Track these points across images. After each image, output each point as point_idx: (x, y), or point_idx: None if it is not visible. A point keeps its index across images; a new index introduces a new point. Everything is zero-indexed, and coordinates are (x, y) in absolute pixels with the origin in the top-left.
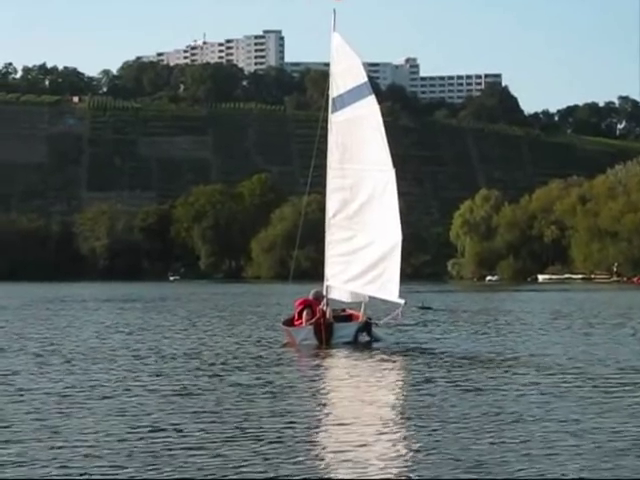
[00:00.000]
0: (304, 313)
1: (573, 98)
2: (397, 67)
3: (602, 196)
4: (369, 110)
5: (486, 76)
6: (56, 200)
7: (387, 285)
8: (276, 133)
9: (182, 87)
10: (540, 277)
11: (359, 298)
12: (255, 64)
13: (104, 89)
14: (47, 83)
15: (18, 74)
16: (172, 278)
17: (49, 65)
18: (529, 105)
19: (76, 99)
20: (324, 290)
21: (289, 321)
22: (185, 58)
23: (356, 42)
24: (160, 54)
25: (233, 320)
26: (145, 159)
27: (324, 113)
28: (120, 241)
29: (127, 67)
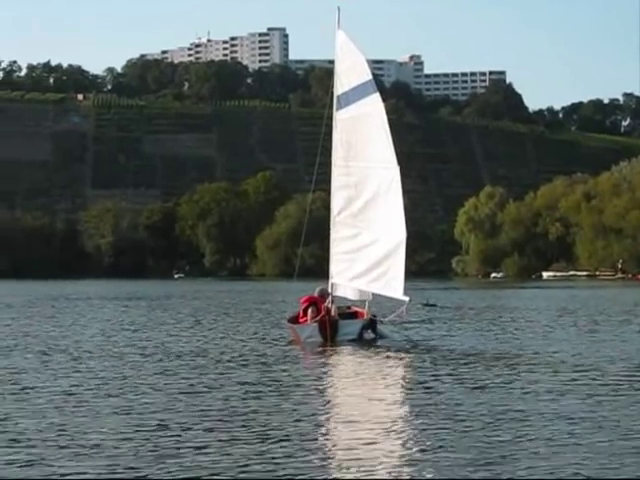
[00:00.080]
0: (309, 311)
1: (577, 95)
2: (401, 64)
3: (607, 193)
4: (374, 108)
5: (490, 73)
6: (61, 198)
7: (392, 283)
8: (280, 131)
9: (186, 85)
10: (545, 274)
11: (364, 296)
12: (259, 61)
13: (108, 87)
14: (51, 81)
15: (23, 72)
16: (177, 276)
17: (53, 63)
18: (533, 102)
19: (80, 97)
20: (329, 288)
21: (294, 318)
22: (189, 56)
23: (360, 39)
24: (164, 52)
25: (238, 318)
26: (150, 157)
27: (329, 110)
28: (125, 239)
29: (131, 65)
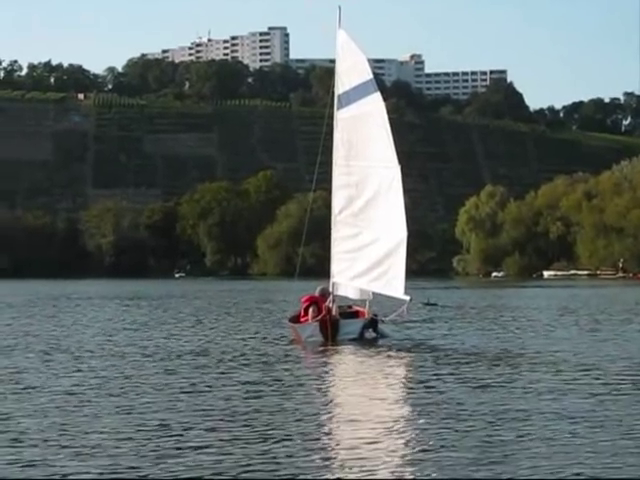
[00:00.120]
0: (310, 310)
1: (578, 94)
2: (402, 63)
3: (608, 192)
4: (374, 107)
5: (491, 72)
6: (62, 197)
7: (392, 282)
8: (281, 130)
9: (187, 84)
10: (545, 273)
11: (365, 295)
12: (260, 61)
13: (109, 86)
14: (52, 80)
15: (23, 71)
16: (178, 275)
17: (54, 62)
18: (534, 101)
19: (81, 96)
20: (330, 287)
21: (295, 318)
22: (190, 55)
23: (361, 38)
24: (165, 51)
25: (239, 317)
26: (150, 156)
27: (330, 110)
28: (126, 238)
29: (132, 64)
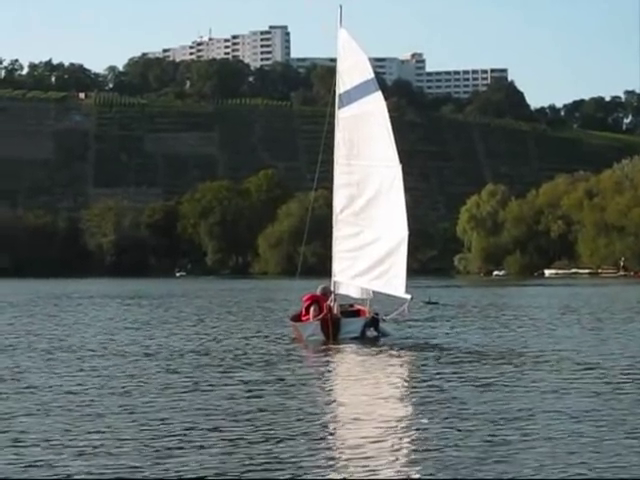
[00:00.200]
0: (311, 309)
1: (579, 93)
2: (403, 62)
3: (609, 191)
4: (376, 106)
5: (492, 71)
6: (63, 196)
7: (393, 281)
8: (282, 129)
9: (188, 83)
10: (547, 272)
11: (367, 294)
12: (261, 60)
13: (110, 85)
14: (53, 79)
15: (24, 71)
16: (179, 274)
17: (55, 61)
18: (535, 100)
19: (82, 95)
20: (331, 286)
21: (297, 316)
22: (191, 54)
23: (362, 37)
24: (166, 50)
25: (241, 316)
26: (151, 155)
27: (331, 109)
28: (127, 237)
29: (133, 63)
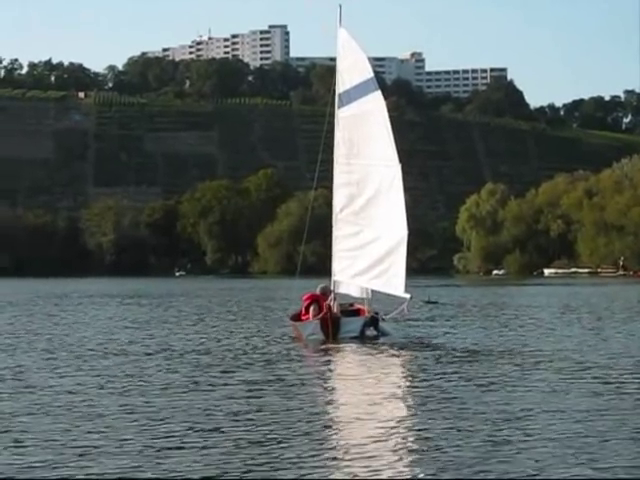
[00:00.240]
0: (311, 308)
1: (579, 92)
2: (403, 62)
3: (608, 190)
4: (375, 105)
5: (492, 70)
6: (62, 196)
7: (392, 280)
8: (282, 128)
9: (188, 82)
10: (546, 271)
11: (366, 293)
12: (261, 59)
13: (110, 85)
14: (53, 79)
15: (24, 70)
16: (178, 274)
17: (55, 61)
18: (535, 99)
19: (82, 95)
20: (331, 285)
21: (296, 316)
22: (190, 53)
23: (362, 36)
24: (165, 49)
25: (241, 315)
26: (151, 155)
27: (330, 108)
28: (126, 237)
29: (133, 63)
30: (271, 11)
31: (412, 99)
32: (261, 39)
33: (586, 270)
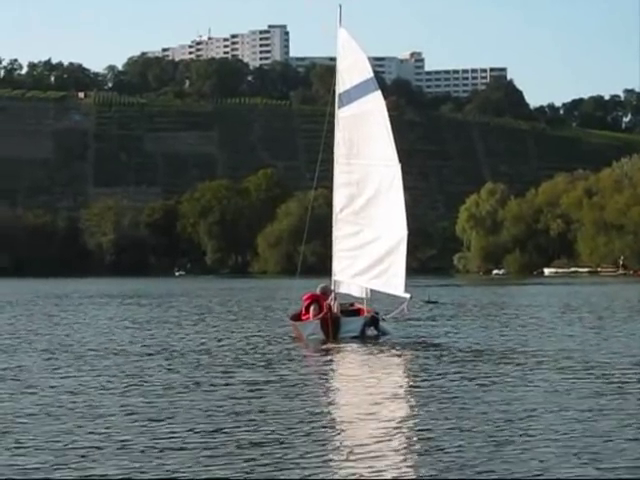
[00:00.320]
0: (311, 308)
1: (578, 91)
2: (402, 61)
3: (608, 189)
4: (375, 105)
5: (491, 70)
6: (62, 196)
7: (392, 280)
8: (282, 128)
9: (187, 82)
10: (546, 271)
11: (366, 293)
12: (260, 59)
13: (109, 85)
14: (52, 79)
15: (23, 70)
16: (178, 273)
17: (54, 61)
18: (534, 99)
19: (81, 95)
20: (332, 285)
21: (296, 316)
22: (190, 53)
23: (361, 36)
24: (165, 49)
25: (241, 315)
26: (151, 155)
27: (330, 108)
28: (126, 237)
29: (132, 63)
30: (271, 11)
31: (412, 99)
32: (261, 39)
33: (586, 269)
